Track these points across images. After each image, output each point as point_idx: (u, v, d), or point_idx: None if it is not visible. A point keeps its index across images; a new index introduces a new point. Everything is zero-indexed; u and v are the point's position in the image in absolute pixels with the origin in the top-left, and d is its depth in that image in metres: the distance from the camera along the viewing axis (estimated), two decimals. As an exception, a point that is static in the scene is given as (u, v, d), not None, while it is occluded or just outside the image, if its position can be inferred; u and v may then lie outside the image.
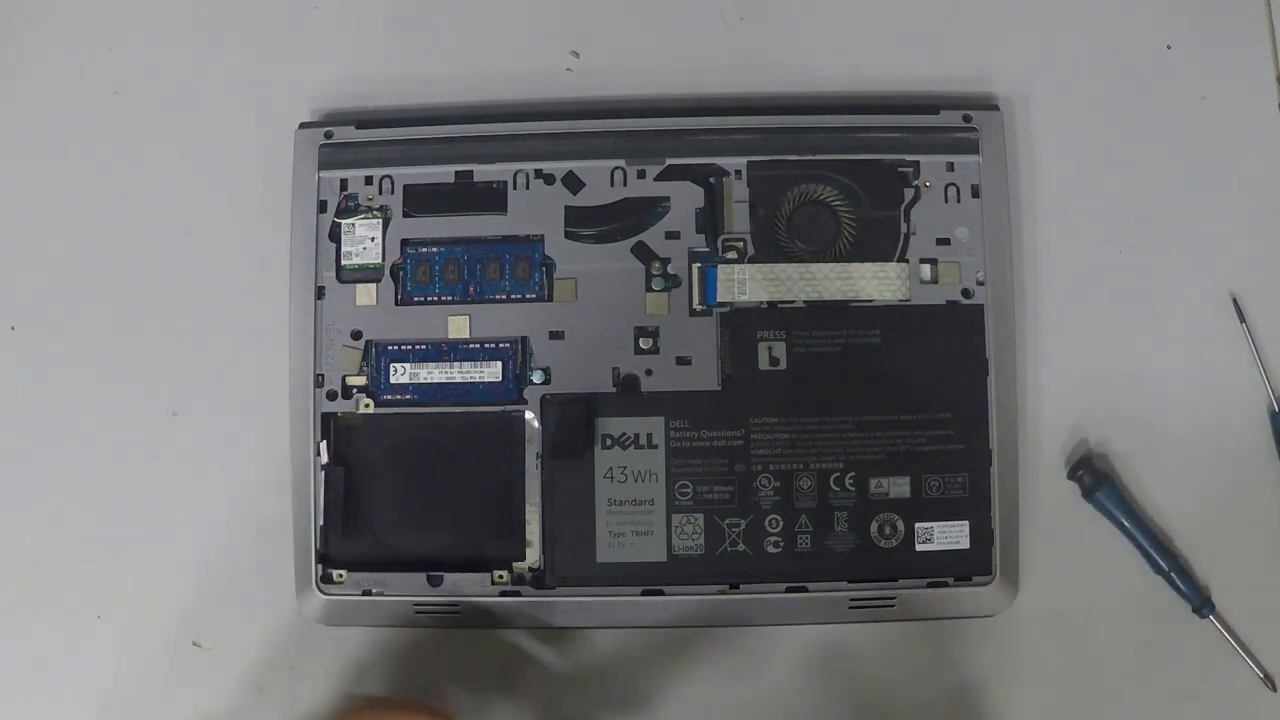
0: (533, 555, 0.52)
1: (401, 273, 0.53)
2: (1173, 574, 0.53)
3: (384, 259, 0.53)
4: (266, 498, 0.54)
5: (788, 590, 0.51)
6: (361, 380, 0.53)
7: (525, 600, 0.52)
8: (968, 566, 0.52)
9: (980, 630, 0.53)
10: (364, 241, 0.54)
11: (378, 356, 0.53)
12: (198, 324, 0.56)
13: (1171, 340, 0.55)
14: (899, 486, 0.52)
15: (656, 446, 0.52)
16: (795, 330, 0.53)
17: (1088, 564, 0.54)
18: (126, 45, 0.57)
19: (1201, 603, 0.53)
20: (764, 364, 0.53)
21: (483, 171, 0.54)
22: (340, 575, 0.52)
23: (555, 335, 0.53)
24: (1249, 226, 0.55)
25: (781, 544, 0.52)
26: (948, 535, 0.52)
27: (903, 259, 0.53)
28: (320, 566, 0.52)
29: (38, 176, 0.57)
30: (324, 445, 0.52)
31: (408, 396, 0.53)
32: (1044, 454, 0.54)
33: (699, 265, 0.53)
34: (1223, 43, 0.56)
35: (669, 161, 0.54)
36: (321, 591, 0.52)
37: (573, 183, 0.54)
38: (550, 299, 0.53)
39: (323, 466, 0.52)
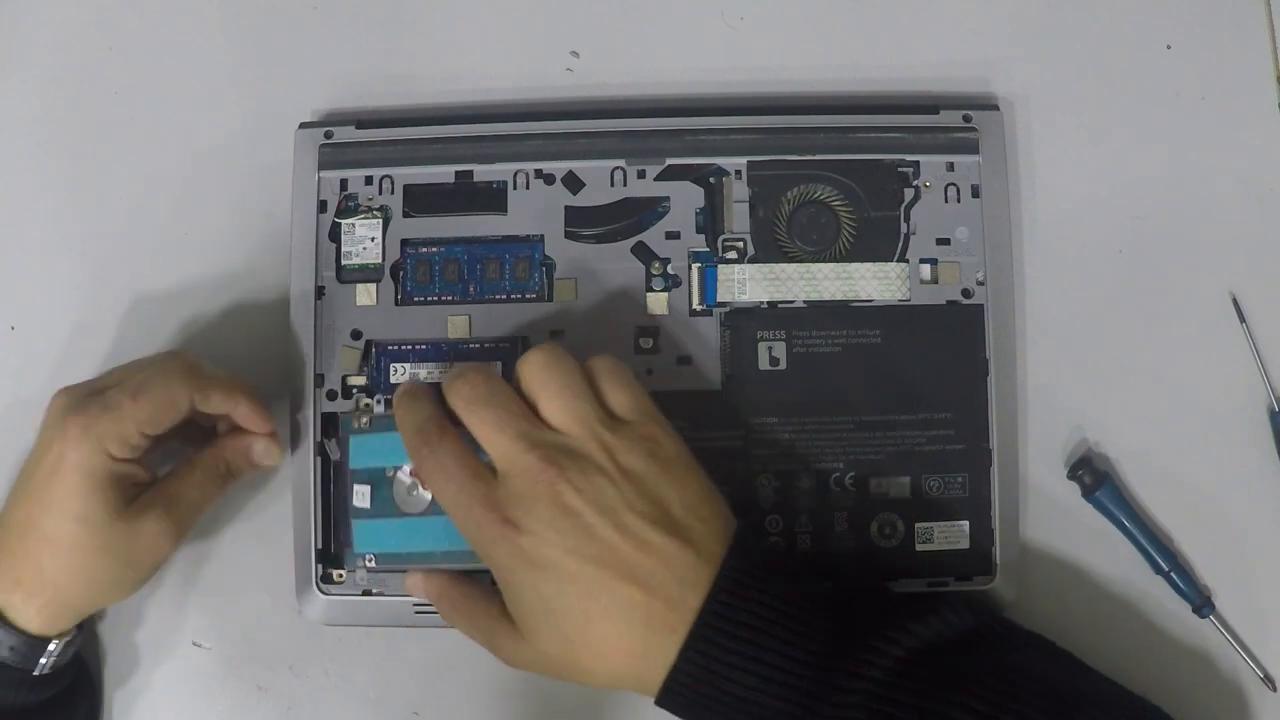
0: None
1: (401, 273, 0.53)
2: (1173, 574, 0.53)
3: (384, 259, 0.53)
4: (266, 497, 0.54)
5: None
6: (361, 380, 0.53)
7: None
8: (968, 566, 0.52)
9: (980, 630, 0.53)
10: (364, 241, 0.54)
11: (378, 356, 0.53)
12: (197, 324, 0.56)
13: (1171, 340, 0.55)
14: (899, 486, 0.52)
15: (656, 446, 0.52)
16: (795, 330, 0.53)
17: (1088, 564, 0.54)
18: (126, 45, 0.57)
19: (1201, 603, 0.53)
20: (764, 364, 0.53)
21: (483, 171, 0.54)
22: (340, 575, 0.52)
23: (555, 335, 0.53)
24: (1249, 226, 0.55)
25: (781, 544, 0.52)
26: (948, 535, 0.52)
27: (903, 259, 0.53)
28: (320, 566, 0.52)
29: (37, 176, 0.57)
30: (333, 442, 0.52)
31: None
32: (1044, 454, 0.54)
33: (699, 265, 0.53)
34: (1223, 43, 0.56)
35: (669, 161, 0.54)
36: (321, 591, 0.52)
37: (573, 183, 0.54)
38: (550, 299, 0.53)
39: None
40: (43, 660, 0.49)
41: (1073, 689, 0.45)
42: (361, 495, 0.50)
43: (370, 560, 0.50)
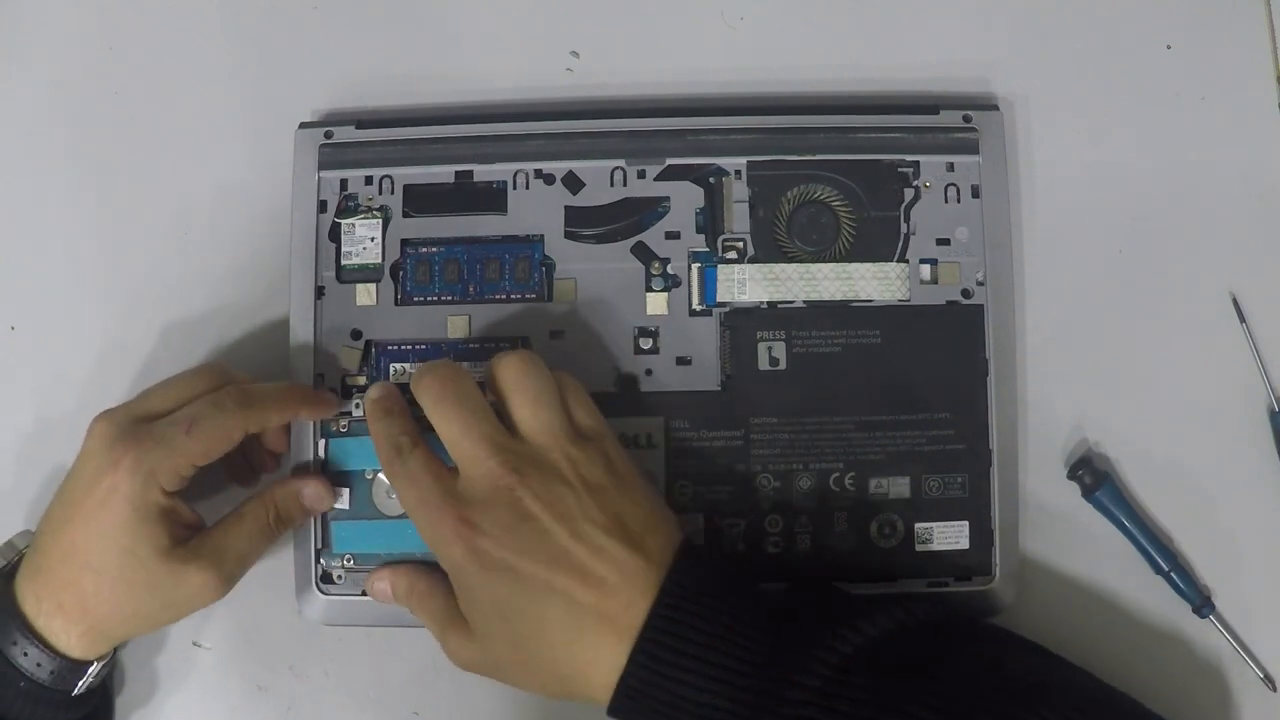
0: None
1: (401, 273, 0.53)
2: (1173, 574, 0.53)
3: (384, 259, 0.53)
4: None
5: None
6: (361, 380, 0.53)
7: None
8: (968, 566, 0.52)
9: (980, 630, 0.53)
10: (364, 241, 0.54)
11: (378, 356, 0.53)
12: (197, 324, 0.56)
13: (1171, 340, 0.55)
14: (899, 486, 0.52)
15: (656, 446, 0.52)
16: (795, 330, 0.53)
17: (1088, 564, 0.54)
18: (126, 45, 0.57)
19: (1201, 603, 0.53)
20: (764, 364, 0.53)
21: (483, 171, 0.54)
22: (340, 575, 0.52)
23: (555, 335, 0.53)
24: (1249, 226, 0.55)
25: (781, 544, 0.52)
26: (948, 535, 0.52)
27: (903, 259, 0.53)
28: (320, 566, 0.52)
29: (37, 176, 0.57)
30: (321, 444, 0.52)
31: (407, 396, 0.52)
32: (1044, 454, 0.54)
33: (699, 265, 0.53)
34: (1223, 43, 0.56)
35: (669, 161, 0.54)
36: (321, 591, 0.52)
37: (573, 183, 0.54)
38: (550, 299, 0.53)
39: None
40: (80, 682, 0.49)
41: (1036, 679, 0.45)
42: (339, 496, 0.52)
43: (349, 560, 0.52)
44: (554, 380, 0.48)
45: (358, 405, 0.52)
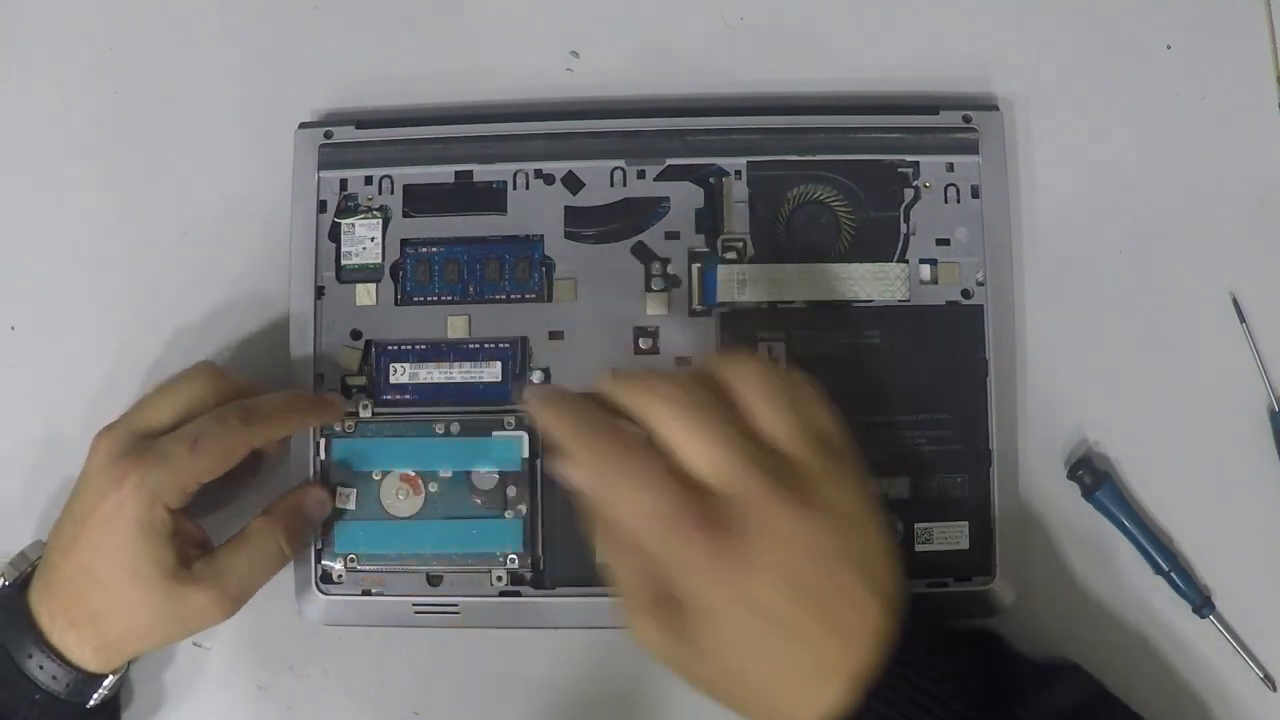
0: (533, 555, 0.52)
1: (401, 273, 0.53)
2: (1173, 574, 0.53)
3: (384, 259, 0.53)
4: (265, 497, 0.54)
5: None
6: (361, 380, 0.53)
7: (525, 600, 0.52)
8: (968, 567, 0.52)
9: (980, 630, 0.53)
10: (364, 241, 0.54)
11: (377, 356, 0.53)
12: (197, 324, 0.56)
13: (1171, 340, 0.55)
14: (899, 487, 0.52)
15: (656, 446, 0.52)
16: (795, 330, 0.53)
17: (1088, 564, 0.54)
18: (127, 45, 0.57)
19: (1201, 603, 0.53)
20: (764, 364, 0.53)
21: (483, 171, 0.54)
22: (340, 575, 0.52)
23: (555, 335, 0.53)
24: (1249, 226, 0.55)
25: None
26: (947, 535, 0.52)
27: (902, 259, 0.53)
28: (320, 566, 0.52)
29: (38, 176, 0.57)
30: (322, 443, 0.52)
31: (407, 397, 0.53)
32: (1044, 454, 0.54)
33: (699, 265, 0.53)
34: (1223, 43, 0.56)
35: (669, 161, 0.54)
36: (321, 591, 0.52)
37: (573, 183, 0.54)
38: (550, 299, 0.53)
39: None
40: (95, 695, 0.49)
41: None
42: (345, 497, 0.52)
43: (350, 560, 0.52)
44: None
45: (365, 406, 0.52)
